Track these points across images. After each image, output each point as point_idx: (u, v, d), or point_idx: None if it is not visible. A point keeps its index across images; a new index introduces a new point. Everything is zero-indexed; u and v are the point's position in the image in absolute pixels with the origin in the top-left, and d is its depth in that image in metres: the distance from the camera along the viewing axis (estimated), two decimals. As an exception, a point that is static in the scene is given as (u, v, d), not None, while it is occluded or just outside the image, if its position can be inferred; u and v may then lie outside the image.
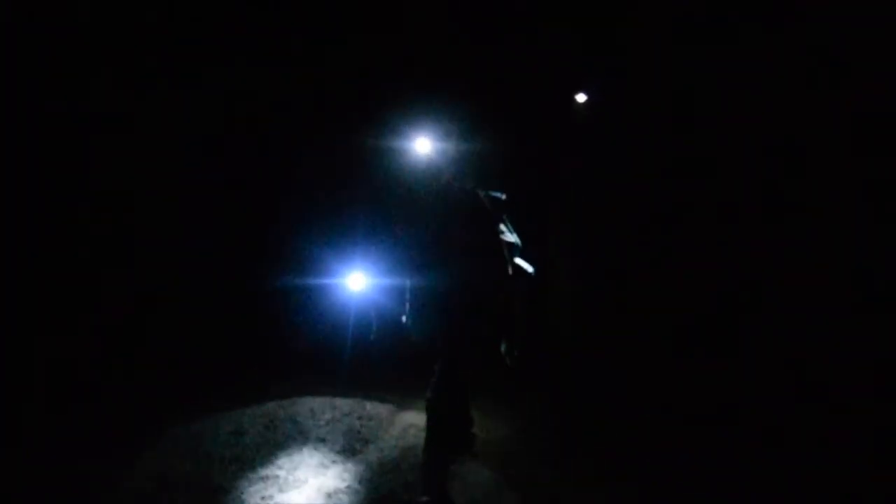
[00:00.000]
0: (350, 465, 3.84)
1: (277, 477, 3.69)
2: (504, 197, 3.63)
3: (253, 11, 5.35)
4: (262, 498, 3.50)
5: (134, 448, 3.95)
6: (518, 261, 3.60)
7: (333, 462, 3.86)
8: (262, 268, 5.46)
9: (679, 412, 4.55)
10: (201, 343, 5.20)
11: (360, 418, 4.36)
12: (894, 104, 4.52)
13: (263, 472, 3.73)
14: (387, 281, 3.67)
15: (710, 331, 4.90)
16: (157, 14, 5.22)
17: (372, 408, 4.50)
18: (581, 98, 5.20)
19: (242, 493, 3.54)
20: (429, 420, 3.49)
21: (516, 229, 3.61)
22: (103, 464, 3.78)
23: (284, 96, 5.40)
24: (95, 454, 3.87)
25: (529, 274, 3.60)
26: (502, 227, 3.59)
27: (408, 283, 3.58)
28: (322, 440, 4.10)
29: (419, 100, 4.49)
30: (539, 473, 3.87)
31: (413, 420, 4.18)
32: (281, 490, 3.58)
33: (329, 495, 3.54)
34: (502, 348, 3.60)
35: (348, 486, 3.63)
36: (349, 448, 4.02)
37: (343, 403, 4.54)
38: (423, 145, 3.60)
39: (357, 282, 3.83)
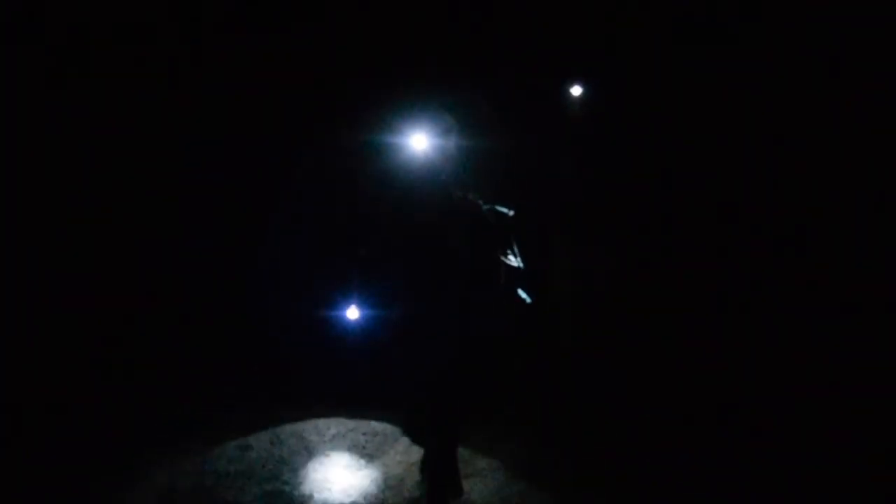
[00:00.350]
0: (355, 481, 3.84)
1: (282, 492, 3.69)
2: (512, 213, 3.38)
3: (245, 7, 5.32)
4: (268, 513, 3.51)
5: (138, 461, 3.95)
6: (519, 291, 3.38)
7: (338, 478, 3.86)
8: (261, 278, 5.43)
9: (679, 412, 4.56)
10: (204, 351, 5.19)
11: (364, 434, 4.35)
12: (894, 104, 4.53)
13: (268, 487, 3.73)
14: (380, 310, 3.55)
15: (710, 331, 4.90)
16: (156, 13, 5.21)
17: (377, 424, 4.48)
18: (577, 91, 5.10)
19: (248, 508, 3.55)
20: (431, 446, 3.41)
21: (521, 250, 3.37)
22: (106, 476, 3.79)
23: (275, 91, 5.37)
24: (98, 466, 3.88)
25: (528, 304, 3.38)
26: (506, 248, 3.35)
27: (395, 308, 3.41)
28: (327, 456, 4.10)
29: (416, 95, 4.44)
30: (542, 476, 3.87)
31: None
32: (286, 505, 3.58)
33: (334, 511, 3.55)
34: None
35: (353, 502, 3.63)
36: (354, 464, 4.02)
37: (348, 419, 4.53)
38: (419, 142, 3.45)
39: (354, 312, 3.78)
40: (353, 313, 3.83)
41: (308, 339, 5.04)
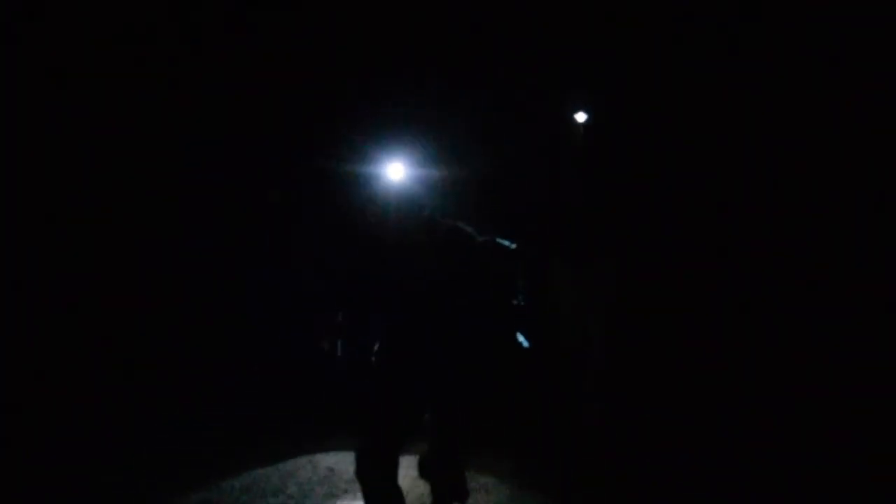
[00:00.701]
0: (359, 494, 3.74)
1: (287, 505, 3.68)
2: (514, 246, 3.04)
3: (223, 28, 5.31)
4: (272, 527, 3.49)
5: (144, 476, 3.94)
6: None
7: (344, 491, 3.83)
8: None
9: (679, 412, 4.56)
10: (204, 352, 5.17)
11: (370, 447, 4.29)
12: (894, 104, 4.53)
13: (274, 501, 3.70)
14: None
15: (710, 331, 4.90)
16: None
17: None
18: (581, 117, 4.97)
19: (253, 522, 3.53)
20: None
21: (523, 287, 3.09)
22: (113, 491, 3.77)
23: (275, 92, 5.37)
24: (105, 480, 3.86)
25: (525, 349, 3.14)
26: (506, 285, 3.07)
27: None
28: (332, 469, 4.06)
29: (395, 120, 4.33)
30: (547, 486, 3.86)
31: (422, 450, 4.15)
32: (291, 519, 3.56)
33: (339, 524, 3.53)
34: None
35: (358, 515, 3.60)
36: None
37: (351, 432, 4.47)
38: (397, 171, 3.14)
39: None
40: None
41: (306, 343, 5.03)
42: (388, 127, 3.69)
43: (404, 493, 3.53)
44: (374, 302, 3.12)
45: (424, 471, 3.39)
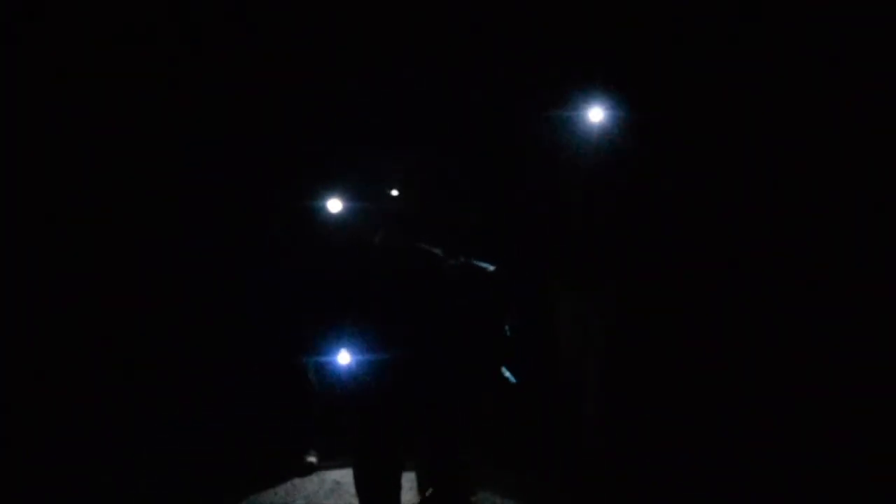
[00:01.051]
0: None
1: (295, 518, 3.66)
2: (493, 269, 2.78)
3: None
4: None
5: (144, 478, 3.96)
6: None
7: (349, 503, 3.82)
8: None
9: (679, 412, 4.56)
10: (205, 354, 5.16)
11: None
12: (894, 104, 4.53)
13: None
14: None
15: (710, 331, 4.90)
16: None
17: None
18: (597, 115, 4.64)
19: (259, 535, 3.52)
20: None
21: (511, 313, 2.89)
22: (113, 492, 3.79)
23: (275, 92, 5.35)
24: (105, 480, 3.88)
25: (512, 385, 2.99)
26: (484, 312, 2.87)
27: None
28: (338, 482, 4.04)
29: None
30: (551, 497, 3.86)
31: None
32: (297, 532, 3.56)
33: (345, 537, 3.52)
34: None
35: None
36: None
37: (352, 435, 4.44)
38: (335, 206, 3.08)
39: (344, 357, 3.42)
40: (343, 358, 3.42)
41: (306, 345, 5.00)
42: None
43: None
44: (374, 302, 3.13)
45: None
